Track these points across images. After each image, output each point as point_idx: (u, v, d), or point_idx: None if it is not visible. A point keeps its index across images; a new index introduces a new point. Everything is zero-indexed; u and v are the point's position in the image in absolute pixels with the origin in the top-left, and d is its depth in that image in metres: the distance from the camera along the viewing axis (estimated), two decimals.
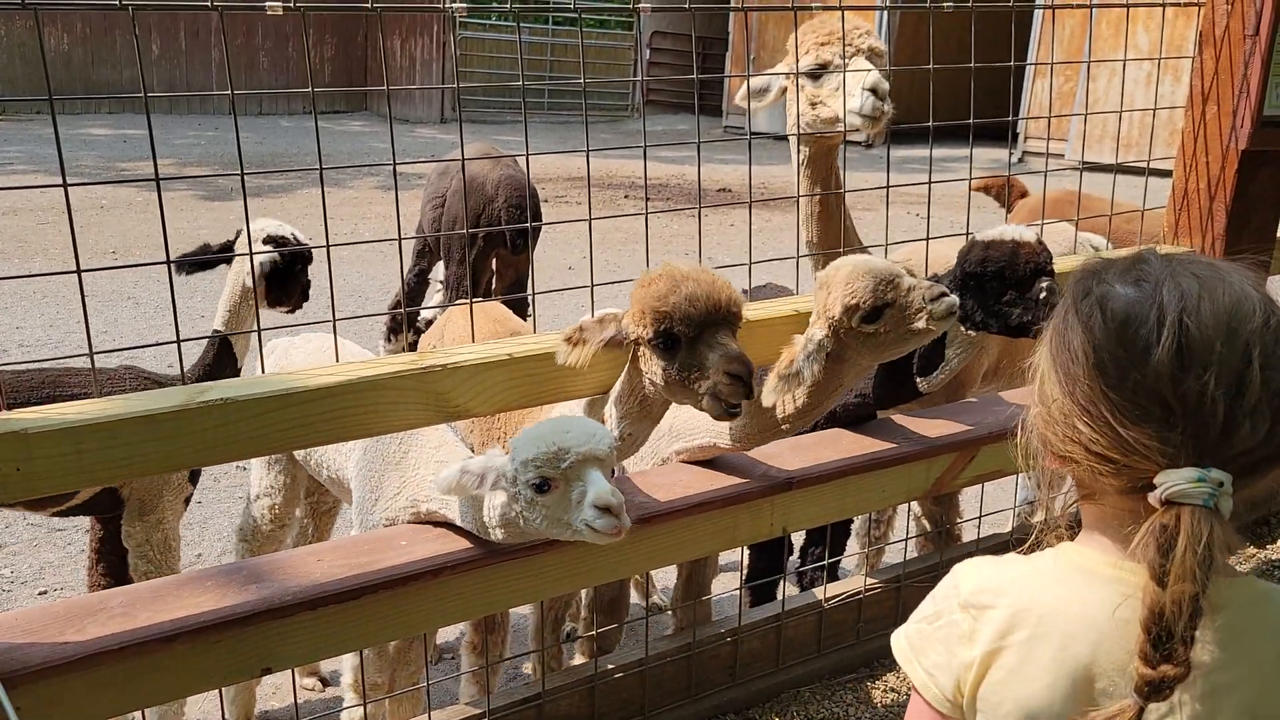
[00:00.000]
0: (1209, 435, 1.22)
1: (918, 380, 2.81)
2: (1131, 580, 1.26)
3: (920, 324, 2.28)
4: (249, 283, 2.99)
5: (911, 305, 2.26)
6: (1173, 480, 1.21)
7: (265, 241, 2.99)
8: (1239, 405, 1.21)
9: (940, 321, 2.28)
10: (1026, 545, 1.41)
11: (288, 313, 3.18)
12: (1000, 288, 2.55)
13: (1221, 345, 1.22)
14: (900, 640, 1.46)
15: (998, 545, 3.52)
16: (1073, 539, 1.40)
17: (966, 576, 1.40)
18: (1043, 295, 2.49)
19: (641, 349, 2.24)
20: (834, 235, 3.08)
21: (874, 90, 2.82)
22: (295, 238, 3.07)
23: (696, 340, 2.11)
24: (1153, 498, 1.22)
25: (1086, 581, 1.31)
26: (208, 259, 3.00)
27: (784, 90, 3.06)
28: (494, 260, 6.15)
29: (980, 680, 1.34)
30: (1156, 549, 1.20)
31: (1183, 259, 1.32)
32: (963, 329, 2.65)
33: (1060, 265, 3.14)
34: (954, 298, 2.28)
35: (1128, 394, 1.24)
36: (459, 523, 2.25)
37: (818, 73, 2.93)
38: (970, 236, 2.66)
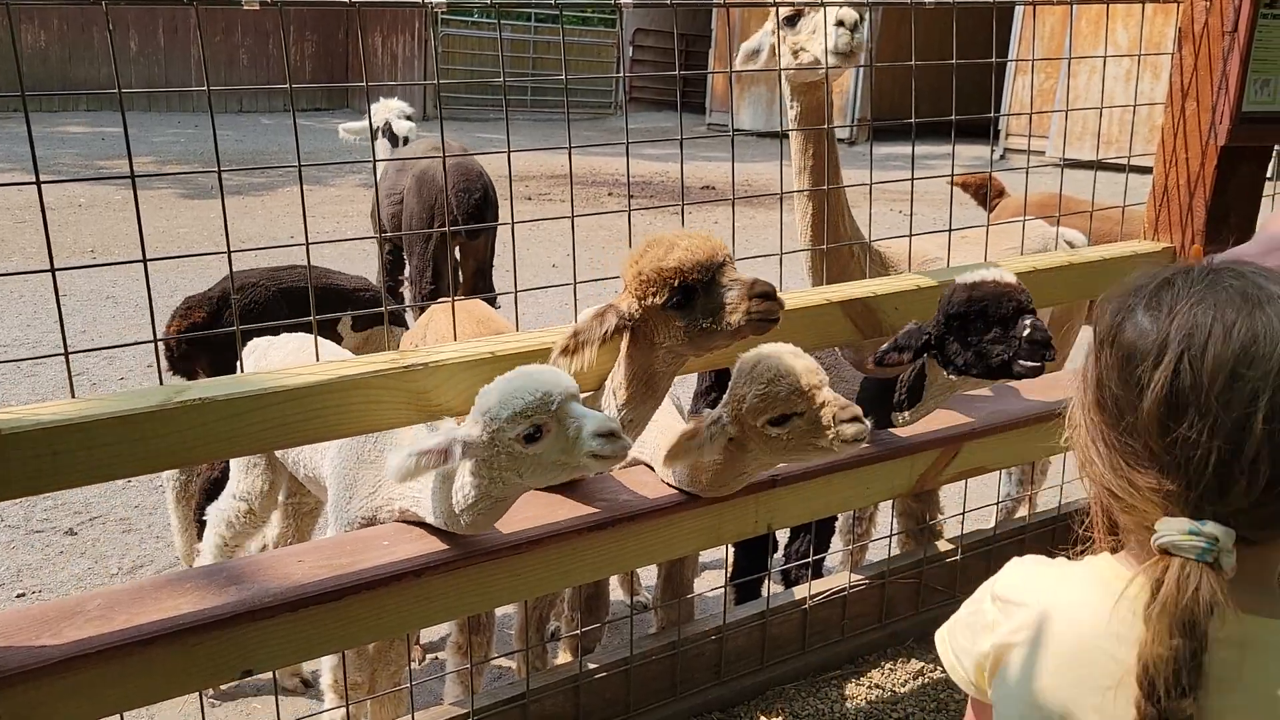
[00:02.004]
0: (1202, 488, 1.15)
1: (894, 414, 2.80)
2: (1144, 598, 1.21)
3: (824, 443, 2.27)
4: None
5: (821, 421, 2.24)
6: (1165, 530, 1.16)
7: None
8: (1236, 459, 1.13)
9: (846, 445, 2.25)
10: (1079, 549, 1.39)
11: None
12: (984, 327, 2.55)
13: (1221, 391, 1.13)
14: (942, 630, 1.49)
15: (981, 541, 3.53)
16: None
17: (1007, 571, 1.41)
18: (1026, 333, 2.49)
19: (648, 323, 2.23)
20: (831, 224, 3.07)
21: (841, 21, 2.80)
22: None
23: (710, 284, 2.15)
24: (1153, 542, 1.17)
25: (1102, 595, 1.26)
26: None
27: (774, 48, 3.08)
28: (457, 250, 6.20)
29: (995, 671, 1.35)
30: (1150, 598, 1.16)
31: (1227, 278, 1.21)
32: (944, 373, 2.64)
33: (1030, 263, 3.15)
34: (866, 425, 2.25)
35: (1125, 435, 1.20)
36: (429, 519, 2.23)
37: (794, 19, 2.93)
38: (952, 281, 2.64)
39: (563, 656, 3.34)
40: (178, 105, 20.51)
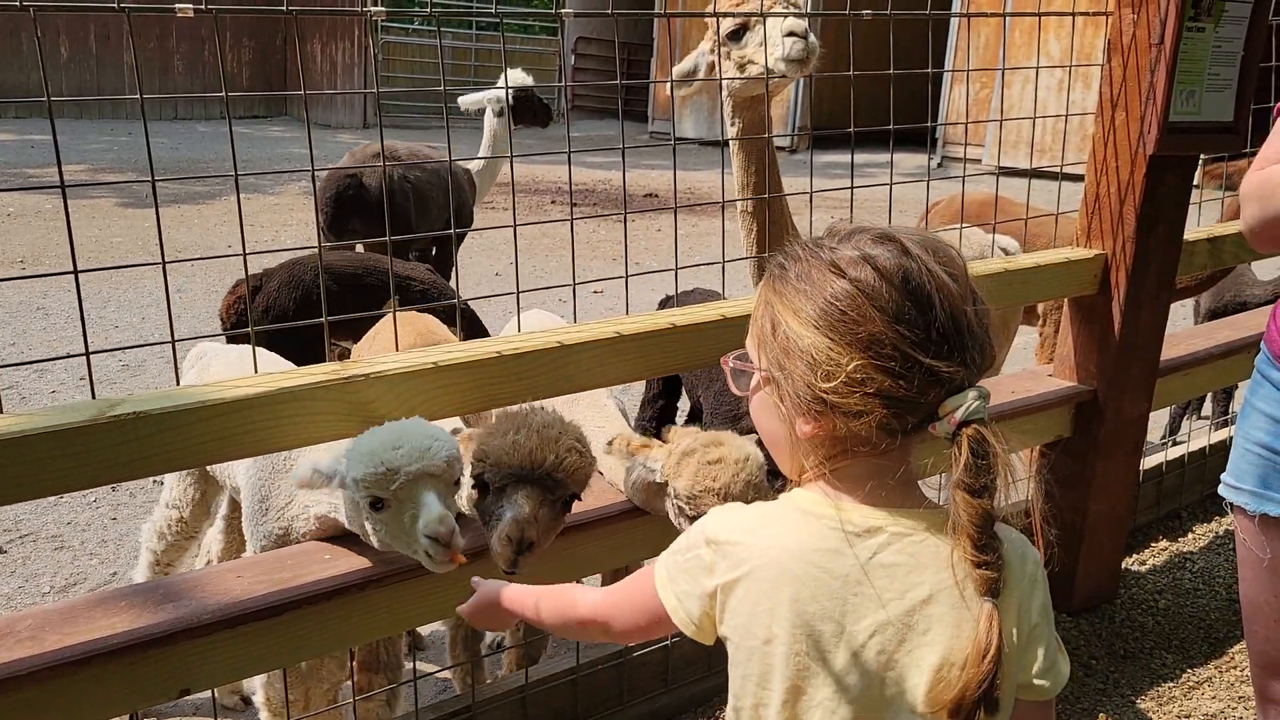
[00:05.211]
0: (979, 356, 1.39)
1: None
2: (840, 518, 1.40)
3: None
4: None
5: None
6: (963, 403, 1.35)
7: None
8: (985, 327, 1.41)
9: None
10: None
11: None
12: None
13: (964, 281, 1.41)
14: (660, 569, 1.56)
15: None
16: None
17: (712, 518, 1.52)
18: None
19: None
20: (774, 234, 3.09)
21: (793, 32, 2.82)
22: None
23: (501, 492, 2.03)
24: (943, 426, 1.36)
25: (803, 520, 1.43)
26: None
27: (712, 66, 3.07)
28: None
29: (723, 609, 1.45)
30: (976, 468, 1.34)
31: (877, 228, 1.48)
32: None
33: (973, 269, 3.21)
34: None
35: (928, 333, 1.35)
36: (348, 526, 2.19)
37: (739, 33, 2.94)
38: None
39: (508, 668, 3.32)
40: (110, 113, 20.08)
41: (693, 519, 2.10)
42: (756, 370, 1.51)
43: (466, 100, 6.84)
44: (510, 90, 6.41)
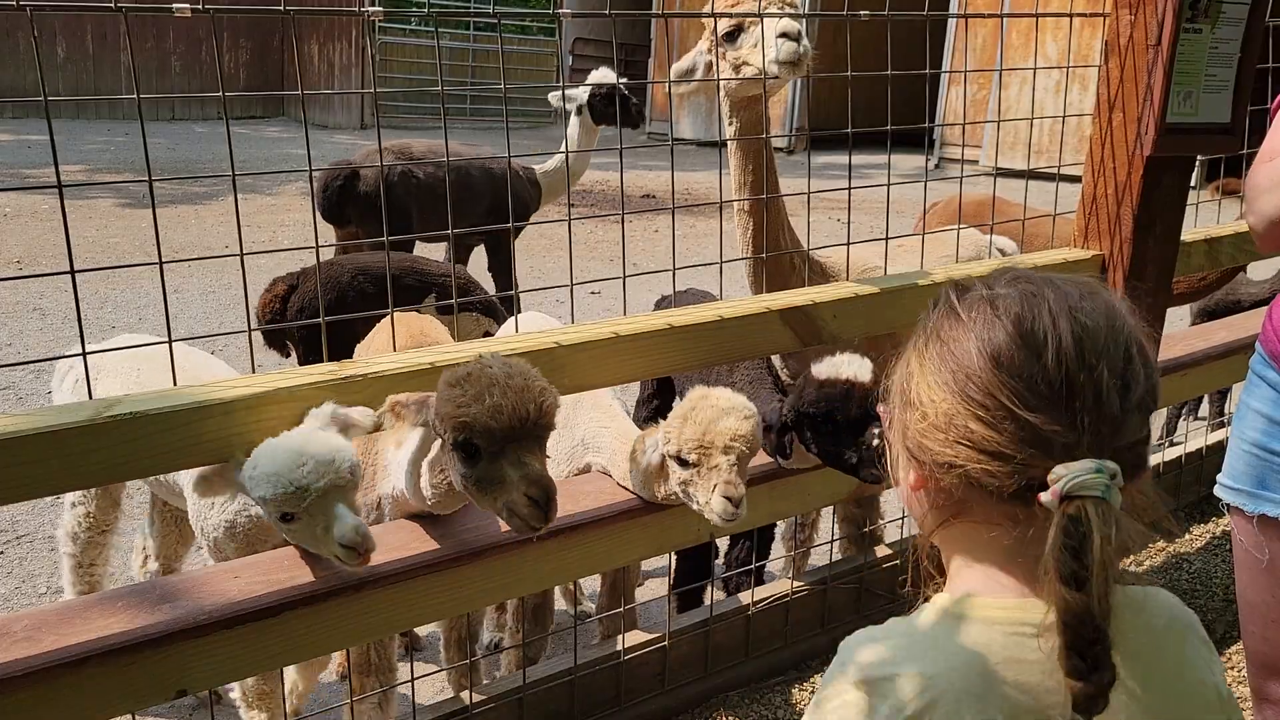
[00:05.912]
0: (1105, 426, 1.20)
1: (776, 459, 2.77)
2: (1014, 616, 1.24)
3: (696, 505, 2.34)
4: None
5: (704, 482, 2.29)
6: (1073, 472, 1.17)
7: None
8: (1128, 398, 1.22)
9: (715, 515, 2.29)
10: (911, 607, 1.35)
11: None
12: (832, 430, 2.53)
13: (1108, 339, 1.23)
14: None
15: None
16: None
17: (852, 651, 1.31)
18: (874, 443, 2.44)
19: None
20: (771, 234, 3.09)
21: (785, 33, 2.82)
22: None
23: (498, 455, 1.96)
24: (1046, 497, 1.18)
25: (964, 629, 1.26)
26: None
27: (709, 66, 3.07)
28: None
29: None
30: (1066, 551, 1.16)
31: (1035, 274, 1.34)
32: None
33: (965, 270, 3.21)
34: (735, 510, 2.26)
35: (1029, 383, 1.21)
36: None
37: (734, 34, 2.94)
38: (807, 372, 2.61)
39: (506, 669, 3.32)
40: (107, 113, 20.04)
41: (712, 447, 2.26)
42: (887, 412, 1.37)
43: (556, 96, 6.85)
44: (603, 89, 6.46)
